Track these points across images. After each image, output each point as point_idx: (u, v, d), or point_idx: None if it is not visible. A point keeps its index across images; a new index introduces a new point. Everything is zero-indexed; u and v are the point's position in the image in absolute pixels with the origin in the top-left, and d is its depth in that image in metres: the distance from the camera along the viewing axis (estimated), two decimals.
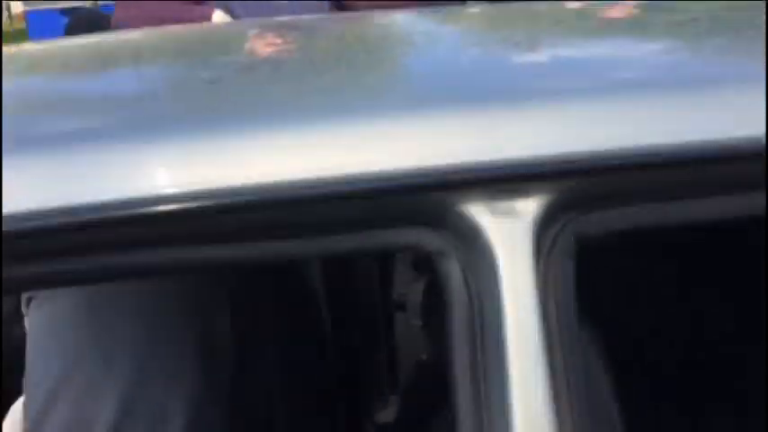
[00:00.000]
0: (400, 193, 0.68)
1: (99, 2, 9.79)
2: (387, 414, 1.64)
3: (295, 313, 1.30)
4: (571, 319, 0.68)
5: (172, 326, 1.16)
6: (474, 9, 1.78)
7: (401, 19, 1.38)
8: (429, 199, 0.69)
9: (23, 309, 1.21)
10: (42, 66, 1.16)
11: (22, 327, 1.68)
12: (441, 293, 0.71)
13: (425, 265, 0.72)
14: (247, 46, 1.23)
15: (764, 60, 0.74)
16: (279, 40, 1.24)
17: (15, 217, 0.64)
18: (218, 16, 2.05)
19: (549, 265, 0.68)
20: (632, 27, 1.15)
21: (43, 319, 1.19)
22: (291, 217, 0.69)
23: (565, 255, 0.69)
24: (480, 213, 0.69)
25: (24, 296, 1.20)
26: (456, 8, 1.78)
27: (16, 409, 1.22)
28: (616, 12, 1.22)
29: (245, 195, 0.66)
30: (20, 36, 12.97)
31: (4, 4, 15.28)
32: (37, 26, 11.60)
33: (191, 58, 1.14)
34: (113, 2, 2.43)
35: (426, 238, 0.70)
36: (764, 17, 0.69)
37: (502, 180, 0.68)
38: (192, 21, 1.95)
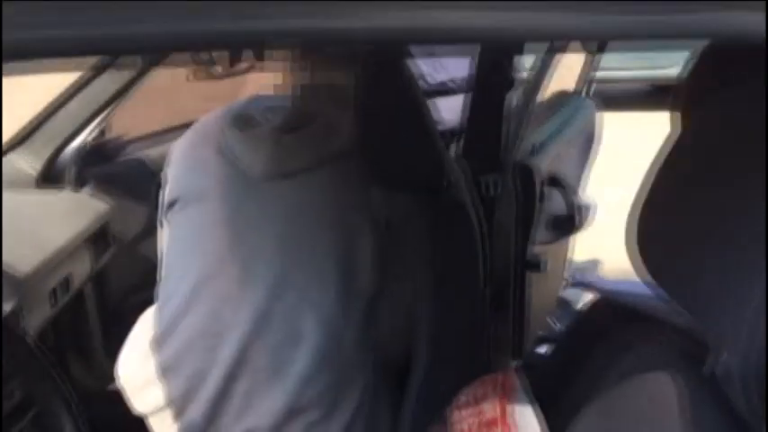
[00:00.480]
0: None
1: None
2: None
3: (449, 245, 1.21)
4: None
5: (313, 247, 1.10)
6: None
7: None
8: None
9: (165, 215, 1.15)
10: None
11: (141, 249, 1.65)
12: None
13: None
14: None
15: None
16: None
17: None
18: None
19: None
20: None
21: (185, 224, 1.14)
22: None
23: None
24: None
25: (167, 200, 1.14)
26: None
27: (146, 317, 1.18)
28: None
29: None
30: None
31: None
32: None
33: None
34: None
35: None
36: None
37: None
38: None
